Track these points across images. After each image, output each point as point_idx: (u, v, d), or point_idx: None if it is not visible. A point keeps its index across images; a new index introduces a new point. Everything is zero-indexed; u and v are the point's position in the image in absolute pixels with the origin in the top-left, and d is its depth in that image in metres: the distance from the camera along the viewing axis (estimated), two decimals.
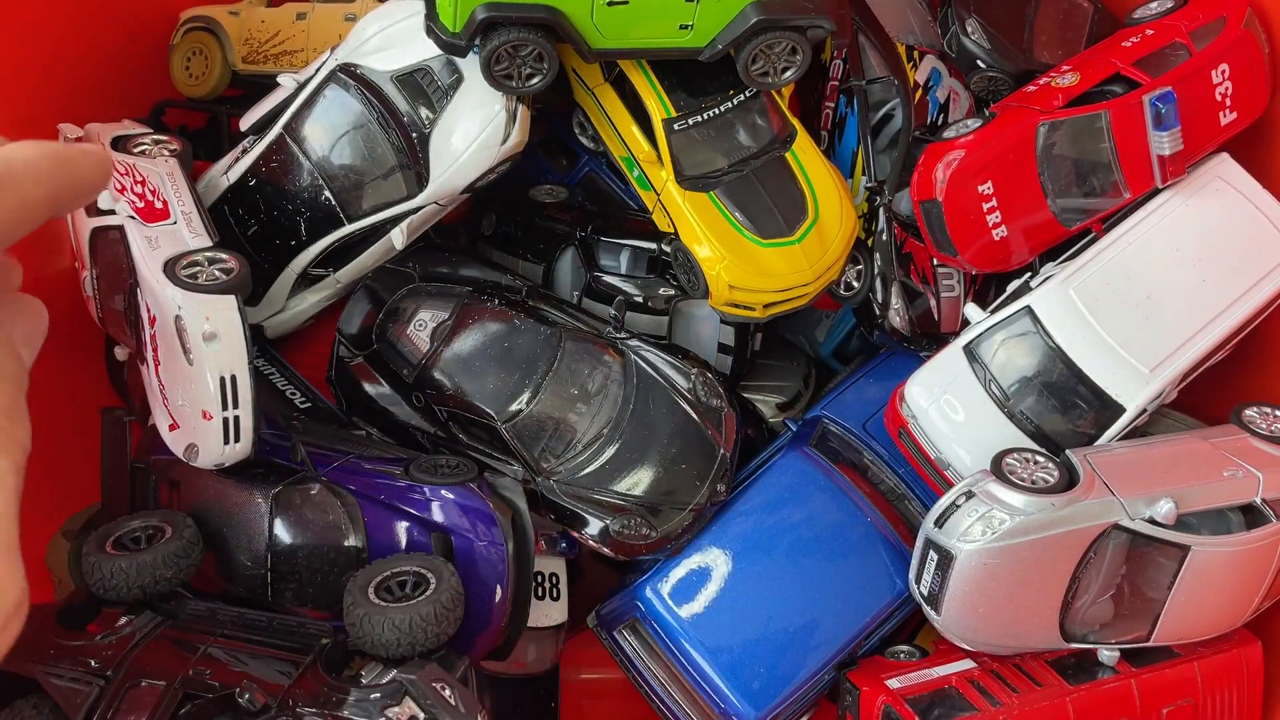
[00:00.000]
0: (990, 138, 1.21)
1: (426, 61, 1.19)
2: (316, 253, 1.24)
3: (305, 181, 1.22)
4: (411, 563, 1.05)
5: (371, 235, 1.23)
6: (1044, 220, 1.23)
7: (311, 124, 1.22)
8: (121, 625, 0.97)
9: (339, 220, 1.22)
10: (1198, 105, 1.21)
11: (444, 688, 0.92)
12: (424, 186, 1.20)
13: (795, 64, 1.18)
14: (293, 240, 1.24)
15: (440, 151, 1.18)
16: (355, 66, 1.20)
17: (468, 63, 1.18)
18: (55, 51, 1.36)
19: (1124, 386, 1.17)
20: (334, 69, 1.21)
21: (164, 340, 1.06)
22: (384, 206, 1.21)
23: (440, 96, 1.19)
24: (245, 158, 1.25)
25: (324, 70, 1.21)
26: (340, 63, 1.21)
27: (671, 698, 1.24)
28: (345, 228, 1.22)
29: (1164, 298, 1.20)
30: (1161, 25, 1.26)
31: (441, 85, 1.19)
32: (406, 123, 1.19)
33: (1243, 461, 1.14)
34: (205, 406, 1.04)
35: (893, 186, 1.30)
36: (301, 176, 1.22)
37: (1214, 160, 1.26)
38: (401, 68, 1.19)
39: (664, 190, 1.22)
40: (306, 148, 1.22)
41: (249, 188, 1.25)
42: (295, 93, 1.22)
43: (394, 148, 1.20)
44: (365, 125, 1.20)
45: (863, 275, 1.32)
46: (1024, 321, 1.21)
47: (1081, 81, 1.22)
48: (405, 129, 1.19)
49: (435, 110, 1.19)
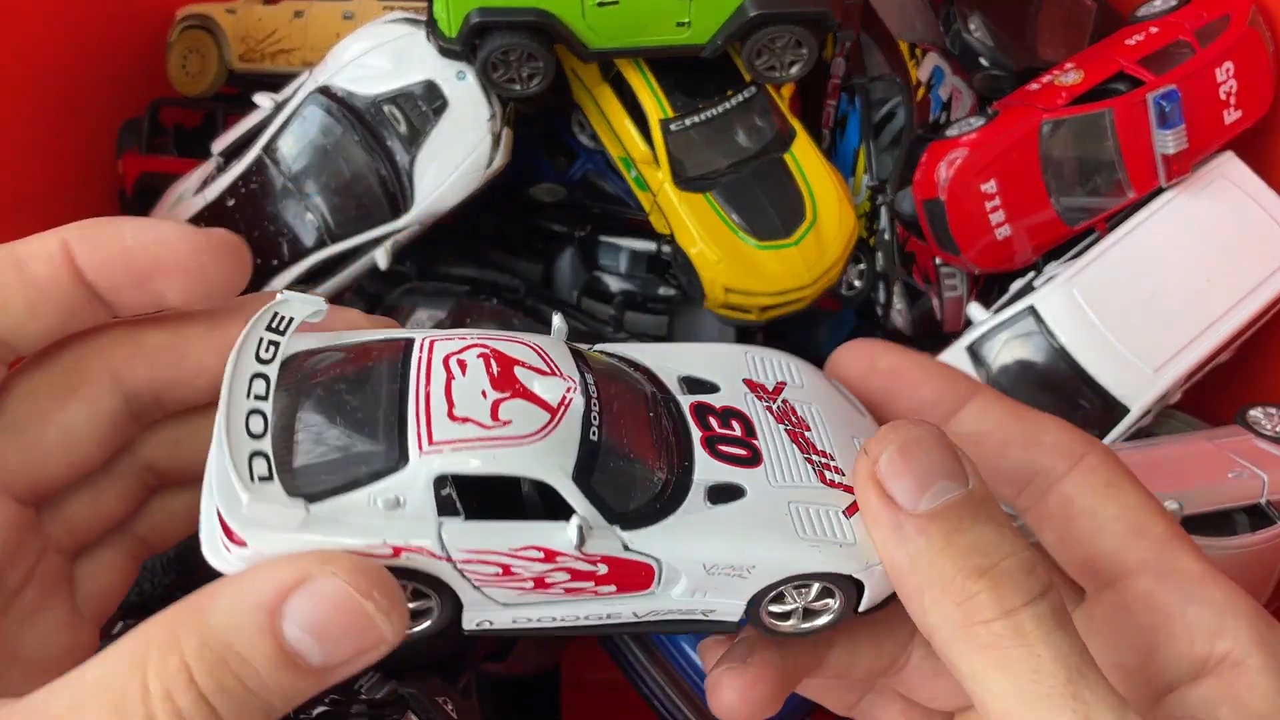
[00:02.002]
0: (993, 136, 1.20)
1: (410, 86, 1.17)
2: (298, 274, 1.22)
3: (286, 203, 1.21)
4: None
5: (353, 255, 1.21)
6: (1047, 219, 1.23)
7: (291, 145, 1.20)
8: (117, 631, 0.97)
9: (321, 242, 1.20)
10: (1202, 104, 1.20)
11: (445, 701, 0.91)
12: (408, 209, 1.18)
13: (802, 58, 1.17)
14: (274, 260, 1.21)
15: (424, 175, 1.17)
16: (336, 89, 1.18)
17: (451, 88, 1.17)
18: (52, 49, 1.36)
19: (1128, 387, 1.16)
20: (313, 90, 1.19)
21: None
22: (366, 228, 1.19)
23: (424, 121, 1.17)
24: (223, 177, 1.23)
25: (303, 91, 1.20)
26: (320, 84, 1.19)
27: (671, 700, 1.24)
28: (327, 249, 1.20)
29: (1168, 297, 1.19)
30: (1165, 23, 1.25)
31: (425, 110, 1.17)
32: (389, 146, 1.17)
33: (1247, 463, 1.13)
34: None
35: (894, 185, 1.29)
36: (282, 198, 1.20)
37: (1219, 159, 1.25)
38: (384, 92, 1.17)
39: (660, 191, 1.21)
40: (285, 169, 1.20)
41: (227, 208, 1.23)
42: (273, 114, 1.21)
43: (376, 173, 1.18)
44: (347, 148, 1.18)
45: (865, 275, 1.31)
46: (1027, 321, 1.20)
47: (1085, 79, 1.21)
48: (388, 153, 1.17)
49: (419, 134, 1.17)
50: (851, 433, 0.54)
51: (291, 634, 0.42)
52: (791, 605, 0.51)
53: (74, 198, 1.41)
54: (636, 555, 0.48)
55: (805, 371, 0.57)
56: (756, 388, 0.55)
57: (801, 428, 0.53)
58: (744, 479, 0.50)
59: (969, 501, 0.46)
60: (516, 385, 0.48)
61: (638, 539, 0.47)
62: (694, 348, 0.57)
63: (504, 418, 0.47)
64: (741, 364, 0.56)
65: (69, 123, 1.41)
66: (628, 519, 0.48)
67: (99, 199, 1.45)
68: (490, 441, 0.46)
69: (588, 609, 0.50)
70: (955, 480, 0.46)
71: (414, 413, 0.47)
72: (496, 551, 0.47)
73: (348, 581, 0.43)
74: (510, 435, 0.46)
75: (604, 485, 0.48)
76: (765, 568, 0.49)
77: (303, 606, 0.42)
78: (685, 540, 0.48)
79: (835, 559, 0.49)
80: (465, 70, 1.17)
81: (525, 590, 0.48)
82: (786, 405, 0.54)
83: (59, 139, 1.39)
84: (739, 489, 0.50)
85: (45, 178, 1.34)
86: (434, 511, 0.46)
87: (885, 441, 0.47)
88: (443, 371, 0.49)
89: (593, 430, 0.48)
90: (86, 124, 1.44)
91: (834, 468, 0.51)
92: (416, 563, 0.47)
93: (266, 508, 0.44)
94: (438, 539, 0.46)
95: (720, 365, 0.56)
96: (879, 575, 0.49)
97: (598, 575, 0.48)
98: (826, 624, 0.52)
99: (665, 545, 0.48)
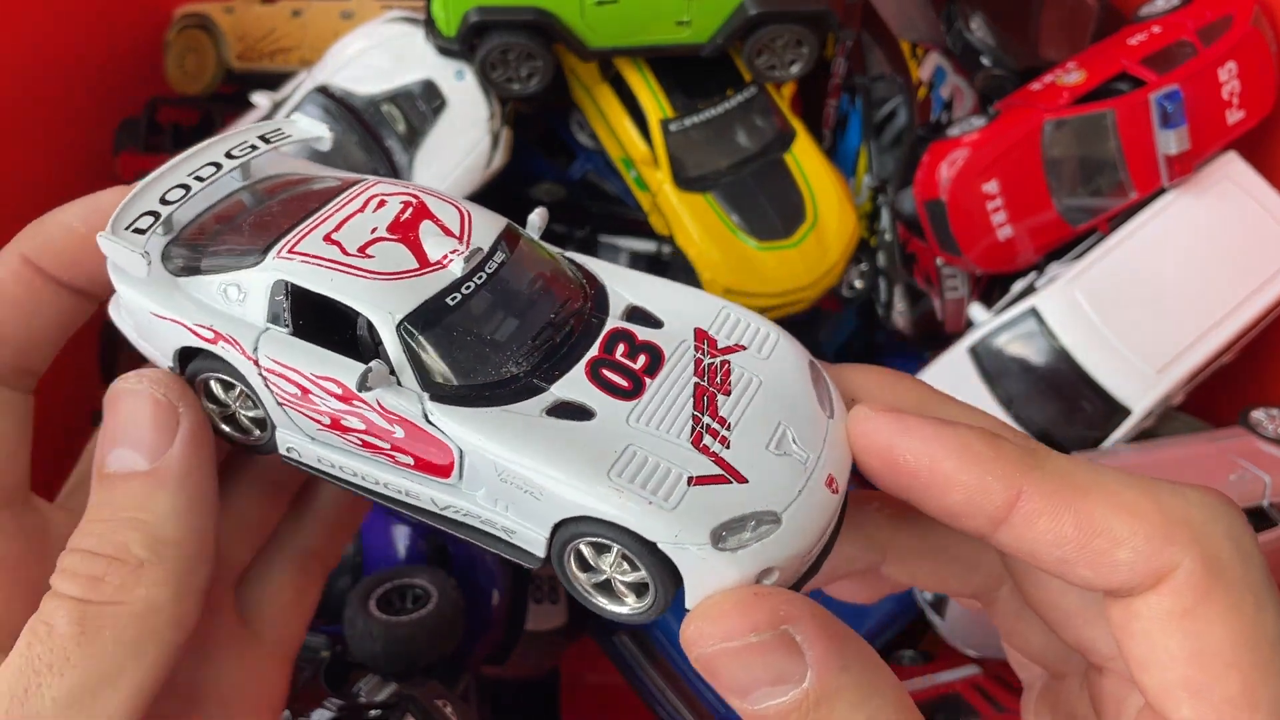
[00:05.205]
0: (995, 136, 1.19)
1: (408, 85, 1.17)
2: None
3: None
4: (414, 576, 1.04)
5: None
6: (1049, 220, 1.22)
7: (289, 145, 1.19)
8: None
9: None
10: (1205, 104, 1.20)
11: (445, 704, 0.91)
12: None
13: (802, 57, 1.16)
14: None
15: (423, 175, 1.17)
16: (334, 88, 1.18)
17: (450, 87, 1.16)
18: (50, 48, 1.35)
19: (1131, 388, 1.16)
20: (312, 89, 1.18)
21: None
22: None
23: (422, 120, 1.17)
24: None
25: (301, 90, 1.19)
26: (318, 83, 1.18)
27: (670, 702, 1.24)
28: None
29: (1171, 298, 1.19)
30: (1168, 22, 1.25)
31: (423, 109, 1.17)
32: (388, 146, 1.17)
33: (1250, 464, 1.13)
34: None
35: (896, 185, 1.28)
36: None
37: (1221, 159, 1.24)
38: (382, 91, 1.17)
39: (660, 192, 1.20)
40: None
41: None
42: (271, 112, 1.20)
43: (374, 172, 1.17)
44: (345, 147, 1.17)
45: (866, 276, 1.30)
46: (1029, 322, 1.19)
47: (1088, 79, 1.20)
48: (387, 152, 1.17)
49: (418, 134, 1.17)
50: (784, 421, 0.47)
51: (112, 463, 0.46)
52: (597, 570, 0.45)
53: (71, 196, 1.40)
54: (435, 431, 0.45)
55: (784, 350, 0.51)
56: (704, 338, 0.50)
57: (719, 389, 0.47)
58: (601, 405, 0.46)
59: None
60: (410, 234, 0.48)
61: (440, 413, 0.45)
62: (672, 287, 0.52)
63: (371, 253, 0.47)
64: (708, 315, 0.51)
65: (67, 121, 1.40)
66: (442, 392, 0.45)
67: None
68: (339, 267, 0.47)
69: (387, 476, 0.49)
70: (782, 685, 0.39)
71: (300, 227, 0.49)
72: (299, 371, 0.47)
73: (134, 388, 0.47)
74: (362, 268, 0.47)
75: (432, 348, 0.46)
76: (556, 496, 0.43)
77: (109, 427, 0.47)
78: (487, 433, 0.44)
79: (635, 514, 0.42)
80: (464, 69, 1.17)
81: (324, 426, 0.48)
82: (723, 366, 0.48)
83: (57, 137, 1.39)
84: (589, 411, 0.45)
85: (43, 176, 1.34)
86: (263, 315, 0.48)
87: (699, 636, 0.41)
88: (359, 205, 0.50)
89: (454, 296, 0.47)
90: (85, 122, 1.43)
91: (722, 438, 0.45)
92: (228, 354, 0.48)
93: (114, 248, 0.48)
94: (254, 339, 0.47)
95: (683, 308, 0.51)
96: (698, 564, 0.42)
97: (394, 438, 0.46)
98: (627, 613, 0.46)
99: (465, 431, 0.45)
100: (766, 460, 0.45)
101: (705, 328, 0.50)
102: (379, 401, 0.46)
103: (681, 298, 0.52)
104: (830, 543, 0.46)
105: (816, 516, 0.44)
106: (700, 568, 0.42)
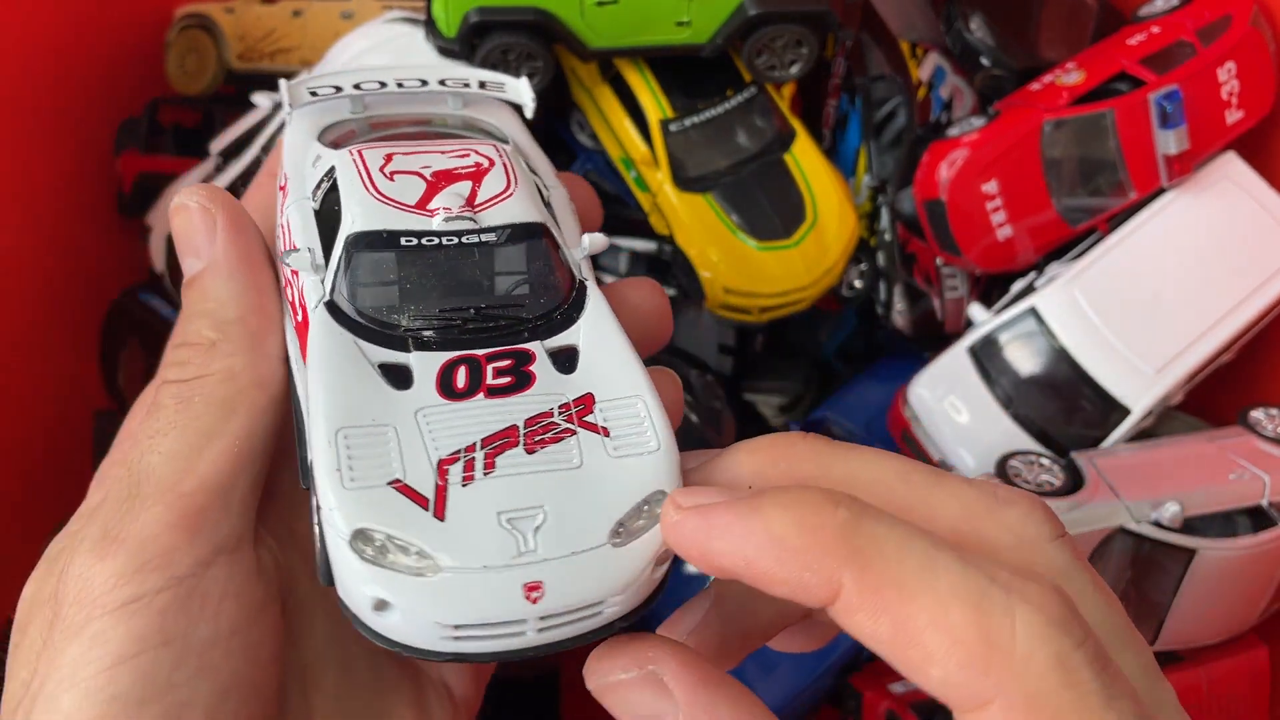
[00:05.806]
0: (994, 136, 1.20)
1: None
2: None
3: None
4: None
5: None
6: (1049, 220, 1.22)
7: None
8: None
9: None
10: (1204, 104, 1.20)
11: None
12: None
13: (802, 57, 1.16)
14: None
15: None
16: None
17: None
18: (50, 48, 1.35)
19: (1130, 388, 1.16)
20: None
21: None
22: None
23: None
24: (221, 176, 1.23)
25: None
26: None
27: None
28: None
29: (1170, 298, 1.19)
30: (1167, 22, 1.25)
31: None
32: None
33: (1249, 464, 1.13)
34: None
35: (895, 185, 1.28)
36: None
37: (1221, 159, 1.25)
38: None
39: (660, 192, 1.20)
40: None
41: None
42: (272, 113, 1.20)
43: None
44: None
45: (865, 275, 1.31)
46: (1029, 322, 1.20)
47: (1087, 79, 1.21)
48: None
49: None
50: (550, 511, 0.43)
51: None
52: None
53: (72, 196, 1.41)
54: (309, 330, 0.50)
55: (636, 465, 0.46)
56: (583, 404, 0.47)
57: (528, 443, 0.45)
58: (421, 387, 0.46)
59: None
60: (441, 183, 0.52)
61: (315, 318, 0.49)
62: (629, 360, 0.49)
63: (395, 180, 0.52)
64: (618, 391, 0.48)
65: (67, 122, 1.40)
66: (332, 305, 0.49)
67: (97, 198, 1.44)
68: (366, 177, 0.52)
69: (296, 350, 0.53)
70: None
71: (386, 143, 0.57)
72: (292, 234, 0.54)
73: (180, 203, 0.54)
74: (376, 186, 0.52)
75: (359, 268, 0.49)
76: (312, 426, 0.45)
77: (177, 245, 0.54)
78: (322, 348, 0.47)
79: (323, 470, 0.42)
80: None
81: (289, 298, 0.54)
82: (563, 433, 0.46)
83: (57, 138, 1.38)
84: (407, 384, 0.46)
85: (43, 176, 1.34)
86: (312, 185, 0.55)
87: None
88: (447, 149, 0.55)
89: (411, 239, 0.49)
90: (84, 123, 1.43)
91: (468, 476, 0.43)
92: (280, 201, 0.58)
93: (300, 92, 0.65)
94: (295, 199, 0.55)
95: (608, 375, 0.48)
96: (336, 546, 0.41)
97: (297, 321, 0.51)
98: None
99: (314, 337, 0.48)
100: (486, 521, 0.42)
101: (599, 397, 0.47)
102: (301, 289, 0.50)
103: (619, 368, 0.49)
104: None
105: (482, 603, 0.41)
106: (337, 553, 0.42)
